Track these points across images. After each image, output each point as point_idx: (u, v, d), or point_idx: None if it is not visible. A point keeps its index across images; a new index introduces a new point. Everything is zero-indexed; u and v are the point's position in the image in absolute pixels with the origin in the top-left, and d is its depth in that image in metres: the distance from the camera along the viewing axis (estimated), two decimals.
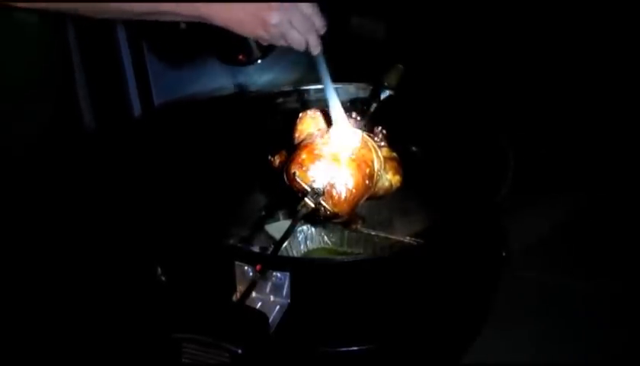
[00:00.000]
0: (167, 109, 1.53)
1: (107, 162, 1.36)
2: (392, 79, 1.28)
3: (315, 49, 1.01)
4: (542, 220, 1.50)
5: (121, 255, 1.22)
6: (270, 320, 0.80)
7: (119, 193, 1.28)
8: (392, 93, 1.26)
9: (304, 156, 1.03)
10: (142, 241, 1.07)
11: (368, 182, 1.04)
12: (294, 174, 1.01)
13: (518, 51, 1.84)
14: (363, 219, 1.07)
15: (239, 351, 0.71)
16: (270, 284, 0.83)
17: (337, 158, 1.03)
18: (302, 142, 1.07)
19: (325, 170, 1.01)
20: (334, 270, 0.89)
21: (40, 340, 1.14)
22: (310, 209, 1.00)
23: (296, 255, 1.01)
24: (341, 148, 1.05)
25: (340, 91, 1.30)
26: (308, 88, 1.31)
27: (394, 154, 1.15)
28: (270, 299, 0.83)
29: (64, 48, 1.24)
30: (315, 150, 1.04)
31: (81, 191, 1.28)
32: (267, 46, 1.12)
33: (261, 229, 1.07)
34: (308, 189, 1.00)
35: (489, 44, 1.87)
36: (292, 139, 1.10)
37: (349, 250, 1.03)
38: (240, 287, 0.83)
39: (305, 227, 1.03)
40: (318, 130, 1.09)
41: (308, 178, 1.01)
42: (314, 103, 1.30)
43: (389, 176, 1.10)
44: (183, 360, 0.72)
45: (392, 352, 0.92)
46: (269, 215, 1.10)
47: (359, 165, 1.04)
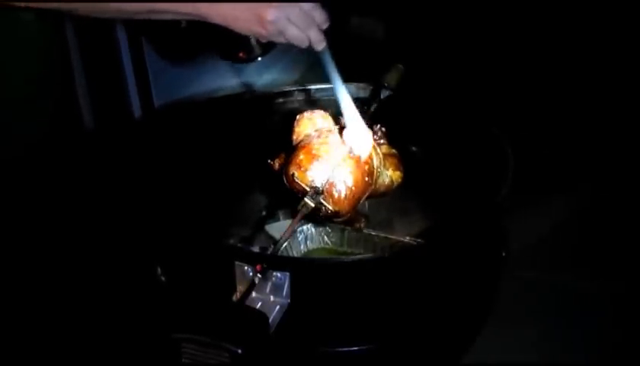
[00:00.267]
0: (167, 109, 1.53)
1: (106, 162, 1.36)
2: (392, 79, 1.28)
3: (319, 44, 0.99)
4: (542, 220, 1.50)
5: (121, 255, 1.22)
6: (270, 320, 0.80)
7: (119, 193, 1.28)
8: (392, 93, 1.26)
9: (302, 157, 1.03)
10: (142, 241, 1.07)
11: (367, 179, 1.04)
12: (293, 175, 1.02)
13: (518, 51, 1.84)
14: (366, 217, 1.07)
15: (239, 351, 0.71)
16: (270, 284, 0.83)
17: (335, 158, 1.03)
18: (299, 144, 1.08)
19: (324, 169, 1.02)
20: (334, 270, 0.89)
21: (40, 340, 1.14)
22: (310, 209, 1.00)
23: (295, 255, 1.01)
24: (339, 147, 1.05)
25: None
26: (308, 88, 1.31)
27: (393, 150, 1.15)
28: (270, 299, 0.83)
29: (64, 48, 1.24)
30: (313, 150, 1.04)
31: (81, 191, 1.28)
32: (267, 44, 1.11)
33: (261, 229, 1.07)
34: (307, 189, 1.00)
35: (489, 44, 1.87)
36: (291, 141, 1.11)
37: (349, 250, 1.03)
38: (240, 287, 0.83)
39: (305, 227, 1.03)
40: (315, 131, 1.10)
41: (306, 178, 1.01)
42: (314, 103, 1.31)
43: (389, 172, 1.10)
44: (183, 360, 0.72)
45: (392, 352, 0.92)
46: (269, 215, 1.11)
47: (358, 163, 1.04)
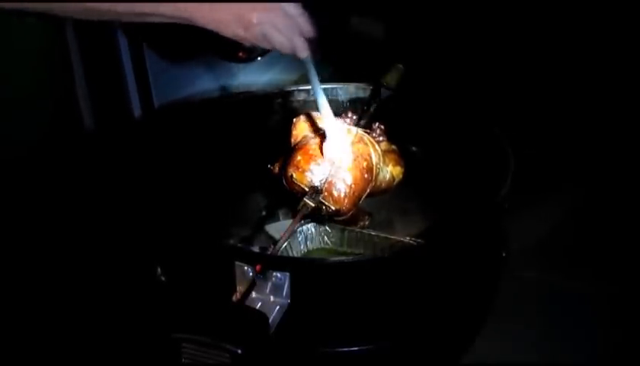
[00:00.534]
0: (167, 109, 1.53)
1: (107, 162, 1.36)
2: (392, 79, 1.28)
3: (302, 52, 0.97)
4: (543, 221, 1.49)
5: (121, 255, 1.22)
6: (270, 320, 0.80)
7: (119, 193, 1.28)
8: (392, 93, 1.27)
9: (299, 158, 1.04)
10: (142, 241, 1.07)
11: (367, 175, 1.05)
12: (291, 176, 1.02)
13: (518, 51, 1.84)
14: (369, 214, 1.07)
15: (239, 352, 0.71)
16: (270, 284, 0.83)
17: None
18: (297, 145, 1.08)
19: (322, 169, 1.02)
20: (334, 270, 0.89)
21: (40, 340, 1.14)
22: (310, 208, 1.00)
23: (295, 255, 1.01)
24: (336, 146, 1.05)
25: (340, 91, 1.31)
26: (308, 87, 1.31)
27: (393, 147, 1.15)
28: (270, 299, 0.83)
29: (64, 48, 1.24)
30: (310, 151, 1.05)
31: (81, 192, 1.28)
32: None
33: (261, 229, 1.07)
34: (306, 189, 1.01)
35: (489, 44, 1.87)
36: (289, 143, 1.11)
37: (349, 250, 1.03)
38: (240, 287, 0.83)
39: (305, 227, 1.03)
40: (312, 132, 1.10)
41: (305, 178, 1.02)
42: (313, 103, 1.30)
43: (390, 168, 1.11)
44: (183, 360, 0.72)
45: (392, 352, 0.92)
46: (269, 215, 1.11)
47: (356, 160, 1.04)
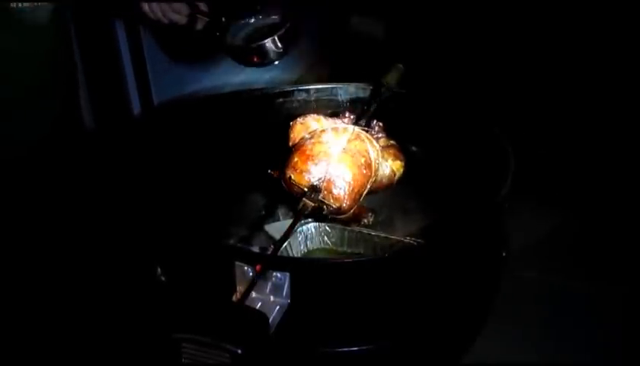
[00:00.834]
0: (167, 109, 1.53)
1: (107, 162, 1.36)
2: (392, 79, 1.28)
3: None
4: (543, 220, 1.49)
5: (121, 255, 1.21)
6: (270, 320, 0.80)
7: (119, 193, 1.28)
8: (392, 93, 1.27)
9: (296, 159, 1.05)
10: (142, 241, 1.07)
11: (366, 171, 1.05)
12: (289, 178, 1.03)
13: (518, 51, 1.84)
14: (372, 211, 1.08)
15: (239, 352, 0.71)
16: (270, 284, 0.83)
17: (329, 155, 1.04)
18: (293, 147, 1.09)
19: (320, 168, 1.03)
20: (334, 270, 0.89)
21: (40, 340, 1.14)
22: (310, 208, 1.00)
23: (295, 255, 1.01)
24: (333, 144, 1.06)
25: (340, 91, 1.31)
26: (308, 87, 1.31)
27: (392, 142, 1.16)
28: (270, 299, 0.83)
29: (65, 49, 1.24)
30: (307, 151, 1.05)
31: (82, 191, 1.28)
32: (283, 48, 1.14)
33: (261, 229, 1.07)
34: (305, 189, 1.01)
35: (489, 44, 1.87)
36: (288, 147, 1.12)
37: (349, 250, 1.03)
38: (240, 287, 0.83)
39: (305, 227, 1.03)
40: (308, 133, 1.11)
41: (303, 179, 1.03)
42: (313, 103, 1.31)
43: (389, 163, 1.11)
44: (183, 360, 0.72)
45: (392, 352, 0.92)
46: (269, 215, 1.11)
47: (353, 157, 1.05)
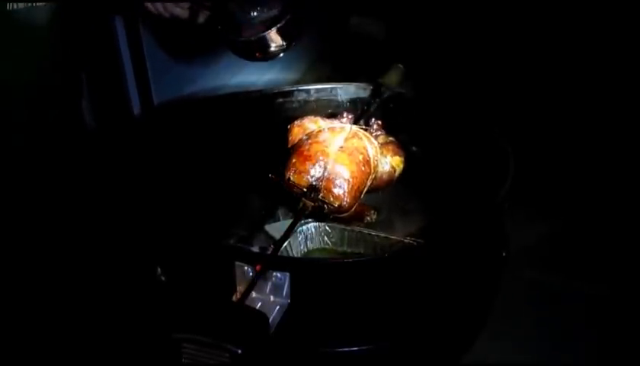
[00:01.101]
0: (167, 109, 1.53)
1: (107, 162, 1.35)
2: (392, 79, 1.28)
3: None
4: (543, 221, 1.49)
5: (121, 255, 1.21)
6: (270, 320, 0.80)
7: (119, 193, 1.28)
8: (392, 93, 1.27)
9: (294, 160, 1.05)
10: (142, 241, 1.07)
11: (364, 168, 1.05)
12: (288, 179, 1.03)
13: (518, 51, 1.84)
14: (375, 209, 1.08)
15: (239, 351, 0.71)
16: (270, 284, 0.83)
17: (327, 154, 1.04)
18: (291, 149, 1.09)
19: (318, 167, 1.03)
20: (334, 270, 0.89)
21: (40, 340, 1.14)
22: (310, 208, 1.00)
23: (295, 255, 1.01)
24: (330, 143, 1.06)
25: (340, 91, 1.31)
26: (308, 87, 1.32)
27: (390, 138, 1.16)
28: (270, 299, 0.83)
29: (64, 48, 1.24)
30: (305, 152, 1.05)
31: (82, 191, 1.28)
32: (285, 42, 1.14)
33: (261, 229, 1.07)
34: (304, 190, 1.01)
35: (489, 44, 1.87)
36: (287, 149, 1.12)
37: (349, 250, 1.03)
38: (240, 287, 0.83)
39: (305, 227, 1.03)
40: (306, 135, 1.11)
41: (302, 179, 1.03)
42: (313, 103, 1.31)
43: (389, 159, 1.11)
44: (183, 360, 0.72)
45: (392, 352, 0.92)
46: (269, 215, 1.11)
47: (351, 155, 1.05)
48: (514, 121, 1.38)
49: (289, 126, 1.16)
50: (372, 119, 1.20)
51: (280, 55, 1.19)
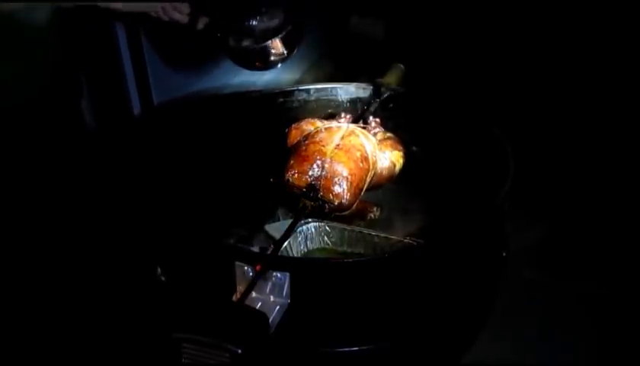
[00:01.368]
0: (167, 109, 1.53)
1: (107, 161, 1.36)
2: (392, 79, 1.28)
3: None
4: (542, 221, 1.50)
5: (121, 255, 1.22)
6: (270, 320, 0.80)
7: (119, 193, 1.28)
8: (392, 93, 1.27)
9: (292, 162, 1.05)
10: (142, 241, 1.07)
11: (363, 164, 1.06)
12: (288, 181, 1.03)
13: (518, 51, 1.84)
14: (378, 206, 1.08)
15: (239, 351, 0.71)
16: (270, 284, 0.83)
17: (324, 153, 1.04)
18: (290, 150, 1.09)
19: (316, 167, 1.03)
20: (334, 270, 0.89)
21: (40, 340, 1.14)
22: (309, 208, 1.00)
23: (295, 255, 1.01)
24: (327, 143, 1.06)
25: (340, 91, 1.31)
26: (308, 87, 1.31)
27: (388, 134, 1.16)
28: (270, 299, 0.83)
29: (64, 48, 1.24)
30: (302, 153, 1.06)
31: (82, 191, 1.28)
32: (286, 51, 1.14)
33: (261, 229, 1.07)
34: (303, 190, 1.01)
35: (489, 44, 1.87)
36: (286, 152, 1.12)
37: (349, 250, 1.03)
38: (240, 287, 0.83)
39: (305, 227, 1.03)
40: (303, 136, 1.11)
41: (301, 179, 1.03)
42: (313, 103, 1.31)
43: (388, 154, 1.11)
44: (183, 360, 0.72)
45: (392, 352, 0.92)
46: (269, 215, 1.11)
47: (348, 152, 1.05)
48: (514, 121, 1.38)
49: (286, 130, 1.16)
50: (371, 117, 1.20)
51: (279, 65, 1.20)
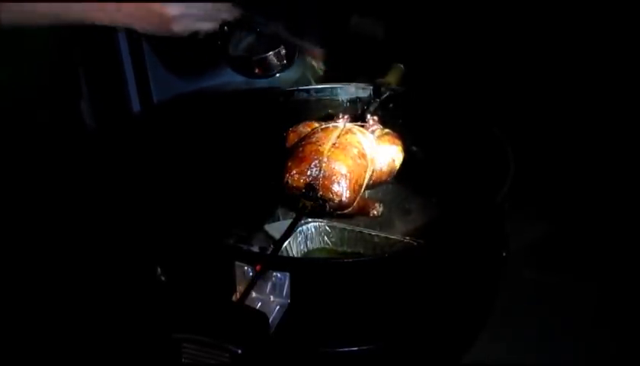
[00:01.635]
0: (167, 108, 1.53)
1: (106, 161, 1.36)
2: (392, 79, 1.28)
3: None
4: (543, 220, 1.49)
5: (121, 255, 1.22)
6: (270, 320, 0.80)
7: (119, 192, 1.28)
8: (392, 93, 1.27)
9: (290, 163, 1.05)
10: (141, 241, 1.07)
11: (360, 161, 1.06)
12: (287, 182, 1.03)
13: (518, 51, 1.84)
14: (380, 203, 1.08)
15: (239, 351, 0.71)
16: (270, 284, 0.83)
17: (321, 152, 1.04)
18: (288, 153, 1.10)
19: (314, 167, 1.03)
20: (334, 270, 0.89)
21: (40, 340, 1.14)
22: (309, 207, 1.00)
23: (295, 255, 1.01)
24: (324, 142, 1.06)
25: (340, 91, 1.31)
26: (308, 87, 1.31)
27: (387, 130, 1.16)
28: (270, 299, 0.83)
29: (64, 48, 1.24)
30: (299, 153, 1.06)
31: (81, 191, 1.28)
32: (286, 61, 1.14)
33: (261, 229, 1.07)
34: (303, 190, 1.01)
35: (489, 44, 1.87)
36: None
37: (349, 250, 1.03)
38: (240, 287, 0.83)
39: (305, 227, 1.03)
40: (300, 138, 1.12)
41: (299, 180, 1.03)
42: (314, 103, 1.31)
43: (387, 149, 1.11)
44: (183, 360, 0.72)
45: (392, 352, 0.92)
46: (269, 215, 1.11)
47: (345, 150, 1.06)
48: (514, 121, 1.37)
49: (285, 134, 1.16)
50: (368, 115, 1.20)
51: (278, 74, 1.20)
